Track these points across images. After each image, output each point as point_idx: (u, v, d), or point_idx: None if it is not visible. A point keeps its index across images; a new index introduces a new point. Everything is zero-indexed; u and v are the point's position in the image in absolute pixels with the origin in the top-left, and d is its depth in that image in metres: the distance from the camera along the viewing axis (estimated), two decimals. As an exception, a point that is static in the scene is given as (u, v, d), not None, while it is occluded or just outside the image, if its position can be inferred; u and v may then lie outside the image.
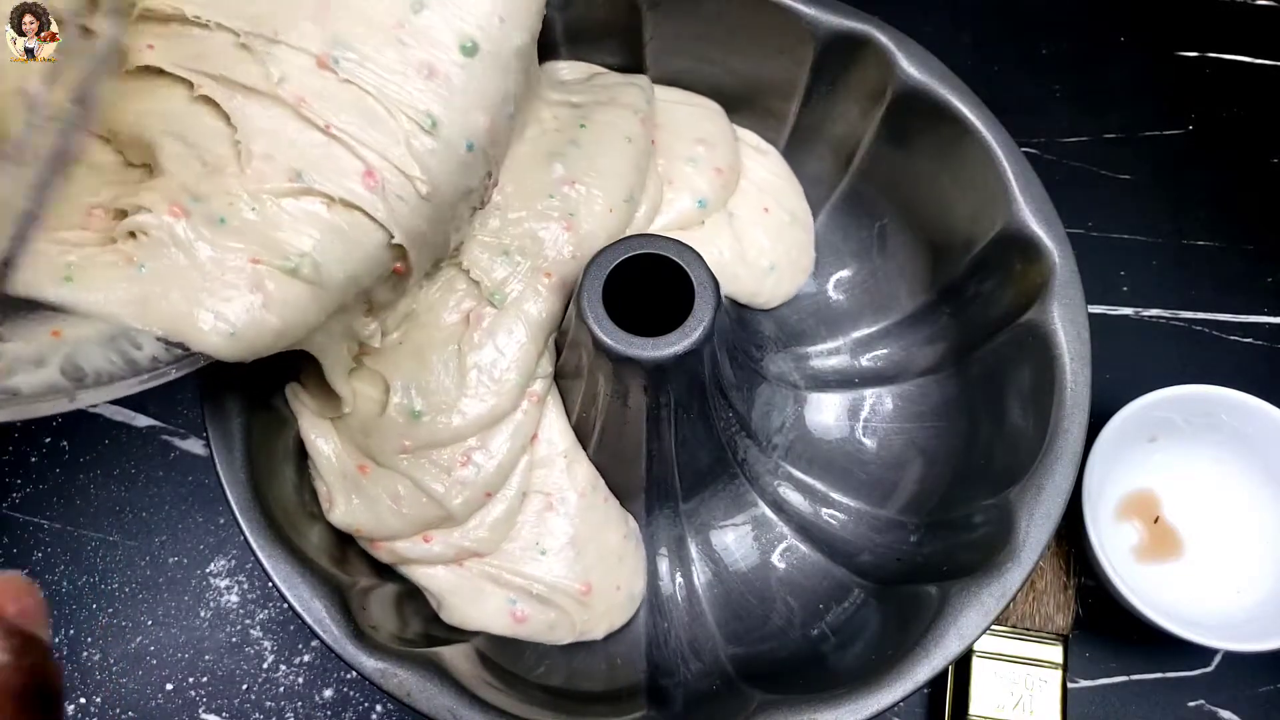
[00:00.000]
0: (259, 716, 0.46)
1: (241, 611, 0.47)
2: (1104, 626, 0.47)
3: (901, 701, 0.33)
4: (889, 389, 0.45)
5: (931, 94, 0.40)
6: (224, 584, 0.48)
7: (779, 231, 0.44)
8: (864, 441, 0.45)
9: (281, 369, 0.38)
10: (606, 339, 0.33)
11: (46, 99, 0.30)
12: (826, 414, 0.45)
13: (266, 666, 0.47)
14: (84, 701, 0.46)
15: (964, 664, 0.44)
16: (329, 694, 0.46)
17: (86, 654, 0.46)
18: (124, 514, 0.49)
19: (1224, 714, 0.46)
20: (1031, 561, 0.34)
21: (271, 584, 0.34)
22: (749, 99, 0.45)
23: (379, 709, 0.46)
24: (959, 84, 0.40)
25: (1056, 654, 0.44)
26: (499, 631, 0.38)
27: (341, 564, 0.37)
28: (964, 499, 0.40)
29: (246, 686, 0.46)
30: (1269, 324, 0.53)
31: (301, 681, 0.46)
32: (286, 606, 0.35)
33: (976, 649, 0.44)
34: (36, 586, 0.22)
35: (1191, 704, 0.46)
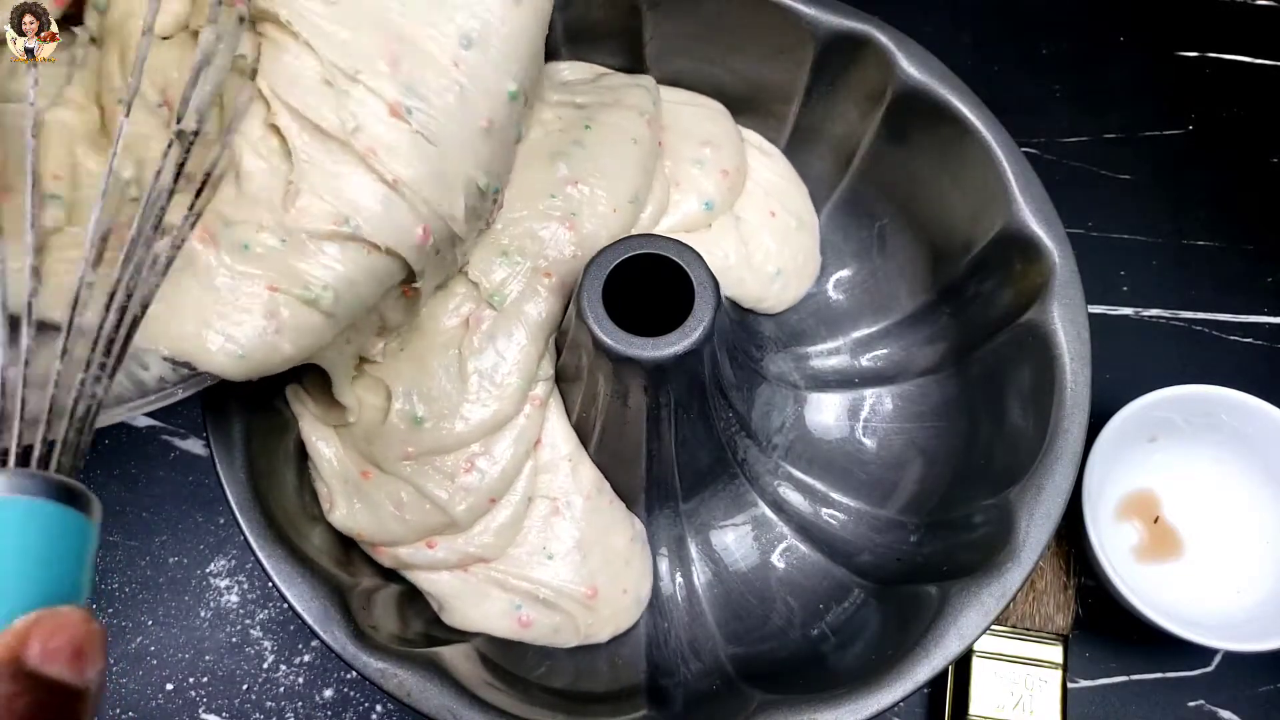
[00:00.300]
0: (259, 716, 0.46)
1: (241, 611, 0.47)
2: (1104, 626, 0.47)
3: (901, 701, 0.33)
4: (889, 389, 0.45)
5: (931, 94, 0.40)
6: (224, 584, 0.48)
7: (785, 236, 0.44)
8: (864, 441, 0.45)
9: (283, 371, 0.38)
10: (606, 339, 0.33)
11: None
12: (826, 414, 0.45)
13: (267, 666, 0.47)
14: (84, 701, 0.46)
15: (964, 664, 0.44)
16: (329, 694, 0.46)
17: (87, 654, 0.46)
18: (124, 514, 0.49)
19: (1224, 714, 0.46)
20: (1031, 561, 0.34)
21: (271, 584, 0.34)
22: (749, 99, 0.45)
23: (379, 709, 0.46)
24: (959, 84, 0.40)
25: (1056, 654, 0.44)
26: (502, 635, 0.38)
27: (345, 565, 0.37)
28: (964, 499, 0.40)
29: (247, 686, 0.46)
30: (1269, 324, 0.53)
31: (302, 681, 0.46)
32: (286, 606, 0.35)
33: (976, 649, 0.44)
34: (88, 617, 0.21)
35: (1191, 704, 0.46)
